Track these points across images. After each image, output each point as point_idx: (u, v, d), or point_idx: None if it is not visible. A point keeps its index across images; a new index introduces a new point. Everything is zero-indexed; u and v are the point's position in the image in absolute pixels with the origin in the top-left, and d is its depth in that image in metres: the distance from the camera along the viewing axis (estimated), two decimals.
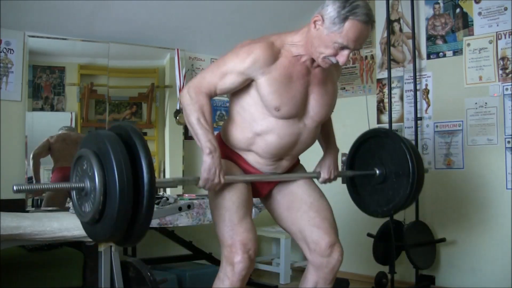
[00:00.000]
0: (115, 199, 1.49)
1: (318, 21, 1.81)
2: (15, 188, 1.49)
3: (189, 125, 1.87)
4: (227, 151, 2.04)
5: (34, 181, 3.47)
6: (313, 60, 1.92)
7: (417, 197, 2.40)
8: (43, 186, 1.57)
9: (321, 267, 2.08)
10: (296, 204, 2.12)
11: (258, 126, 1.94)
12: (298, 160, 2.20)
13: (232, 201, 1.93)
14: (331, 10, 1.77)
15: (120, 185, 1.49)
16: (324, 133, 2.21)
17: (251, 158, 2.03)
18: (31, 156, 3.46)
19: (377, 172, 2.34)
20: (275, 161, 2.04)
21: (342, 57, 1.82)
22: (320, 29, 1.81)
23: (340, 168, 2.30)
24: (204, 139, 1.82)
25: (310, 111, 1.97)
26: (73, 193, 1.67)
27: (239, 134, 1.99)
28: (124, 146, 1.56)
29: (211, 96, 1.90)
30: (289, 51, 1.90)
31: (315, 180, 2.22)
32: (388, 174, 2.32)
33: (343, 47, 1.79)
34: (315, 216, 2.08)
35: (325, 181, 2.20)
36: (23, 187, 1.52)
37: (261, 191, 2.15)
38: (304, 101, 1.94)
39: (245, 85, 1.91)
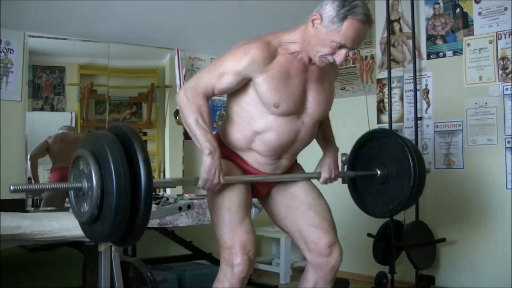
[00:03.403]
0: (113, 198, 1.49)
1: (317, 20, 1.81)
2: (12, 188, 1.49)
3: (187, 126, 1.86)
4: (226, 151, 2.03)
5: (32, 182, 3.46)
6: (310, 58, 1.92)
7: (421, 193, 2.39)
8: (41, 186, 1.57)
9: (321, 267, 2.07)
10: (295, 204, 2.11)
11: (257, 124, 1.93)
12: (296, 160, 2.20)
13: (232, 201, 1.92)
14: (330, 9, 1.77)
15: (118, 184, 1.49)
16: (323, 132, 2.21)
17: (250, 158, 2.02)
18: (29, 157, 3.46)
19: (378, 172, 2.33)
20: (275, 160, 2.03)
21: (340, 56, 1.81)
22: (318, 28, 1.81)
23: (340, 169, 2.30)
24: (203, 139, 1.81)
25: (308, 108, 1.97)
26: (71, 194, 1.67)
27: (238, 134, 1.98)
28: (121, 146, 1.56)
29: (208, 96, 1.90)
30: (286, 49, 1.90)
31: (315, 180, 2.22)
32: (389, 174, 2.31)
33: (340, 46, 1.79)
34: (313, 216, 2.08)
35: (326, 181, 2.19)
36: (20, 187, 1.51)
37: (260, 192, 2.14)
38: (302, 98, 1.94)
39: (243, 85, 1.91)
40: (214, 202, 1.96)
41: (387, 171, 2.32)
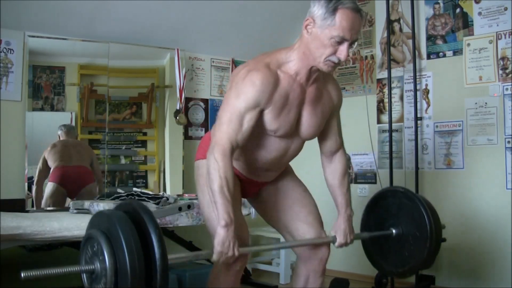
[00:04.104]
0: (127, 280, 1.45)
1: (310, 23, 1.81)
2: (23, 275, 1.43)
3: (211, 190, 1.80)
4: None
5: (34, 207, 3.45)
6: (308, 78, 1.91)
7: (435, 257, 2.36)
8: (52, 271, 1.53)
9: (310, 259, 2.13)
10: (281, 200, 2.16)
11: (248, 141, 1.94)
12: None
13: None
14: (318, 8, 1.78)
15: (132, 267, 1.45)
16: (340, 193, 2.16)
17: (238, 166, 2.07)
18: (35, 182, 3.48)
19: (394, 232, 2.32)
20: (261, 172, 2.08)
21: (342, 52, 1.80)
22: (313, 31, 1.81)
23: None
24: (223, 210, 1.76)
25: (299, 130, 1.99)
26: (83, 275, 1.61)
27: None
28: (133, 225, 1.53)
29: (235, 149, 1.85)
30: (286, 71, 1.88)
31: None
32: (404, 235, 2.30)
33: (340, 41, 1.79)
34: (299, 210, 2.13)
35: (341, 246, 2.16)
36: (32, 274, 1.44)
37: (248, 192, 2.19)
38: (297, 121, 1.96)
39: None
40: (205, 199, 1.99)
41: (402, 231, 2.31)
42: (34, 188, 3.47)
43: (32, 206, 3.44)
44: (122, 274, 1.47)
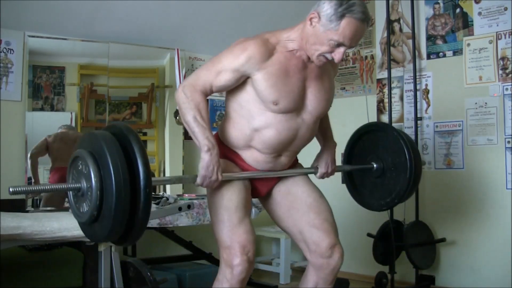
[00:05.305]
0: (112, 197, 1.50)
1: (314, 18, 1.81)
2: (11, 190, 1.50)
3: (186, 123, 1.87)
4: (225, 151, 2.02)
5: (32, 182, 3.46)
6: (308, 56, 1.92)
7: (417, 184, 2.39)
8: (39, 188, 1.58)
9: (322, 268, 2.06)
10: (296, 205, 2.10)
11: (256, 121, 1.92)
12: (297, 159, 2.19)
13: (231, 201, 1.92)
14: (327, 8, 1.77)
15: (117, 183, 1.49)
16: (321, 128, 2.20)
17: (249, 157, 2.01)
18: (29, 156, 3.45)
19: (375, 166, 2.35)
20: (274, 158, 2.01)
21: (338, 54, 1.81)
22: (316, 27, 1.81)
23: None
24: (201, 136, 1.82)
25: (308, 106, 1.96)
26: (70, 194, 1.67)
27: (237, 131, 1.97)
28: (119, 145, 1.57)
29: (206, 94, 1.91)
30: (285, 47, 1.90)
31: (319, 182, 2.22)
32: (385, 167, 2.34)
33: (339, 45, 1.80)
34: (315, 217, 2.06)
35: (322, 176, 2.19)
36: (20, 189, 1.52)
37: (260, 191, 2.13)
38: (302, 95, 1.93)
39: (242, 82, 1.91)
40: (213, 202, 1.96)
41: (383, 164, 2.34)
42: (29, 162, 3.43)
43: (32, 206, 3.44)
44: (108, 191, 1.52)
